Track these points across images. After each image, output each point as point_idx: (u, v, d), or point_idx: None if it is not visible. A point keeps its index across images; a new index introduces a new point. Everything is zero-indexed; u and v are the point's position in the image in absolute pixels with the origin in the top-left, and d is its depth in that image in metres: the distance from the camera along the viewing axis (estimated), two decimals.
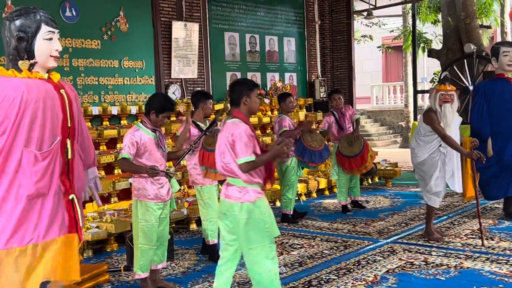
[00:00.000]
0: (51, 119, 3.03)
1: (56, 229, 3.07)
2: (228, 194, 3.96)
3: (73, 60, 8.18)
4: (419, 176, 6.28)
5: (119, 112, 8.40)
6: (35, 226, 3.00)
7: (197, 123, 5.90)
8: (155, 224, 4.80)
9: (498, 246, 5.90)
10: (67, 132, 3.15)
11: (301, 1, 12.32)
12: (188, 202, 7.45)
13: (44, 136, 3.02)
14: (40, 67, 3.07)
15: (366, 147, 7.70)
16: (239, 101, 4.05)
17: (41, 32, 3.05)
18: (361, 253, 5.88)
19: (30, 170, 2.97)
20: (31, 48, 3.03)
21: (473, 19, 12.05)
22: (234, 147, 3.88)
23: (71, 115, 3.18)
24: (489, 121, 7.00)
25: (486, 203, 8.17)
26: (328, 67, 12.96)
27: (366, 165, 7.76)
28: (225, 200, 3.98)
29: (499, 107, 6.96)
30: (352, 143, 7.69)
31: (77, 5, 8.24)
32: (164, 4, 9.50)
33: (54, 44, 3.11)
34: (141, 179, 4.79)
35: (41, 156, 3.01)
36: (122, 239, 6.28)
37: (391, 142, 20.67)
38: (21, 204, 2.96)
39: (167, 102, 4.84)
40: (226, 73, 10.74)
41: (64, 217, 3.13)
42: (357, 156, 7.64)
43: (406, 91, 19.85)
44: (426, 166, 6.09)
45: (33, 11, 3.06)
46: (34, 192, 2.99)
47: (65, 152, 3.15)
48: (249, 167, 3.86)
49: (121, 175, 7.67)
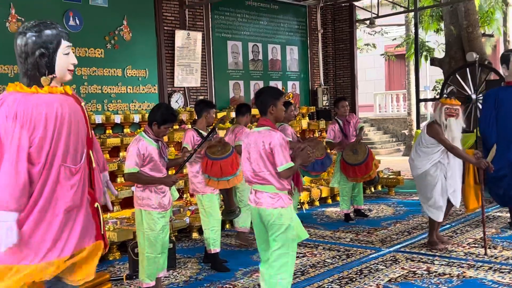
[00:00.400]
0: (79, 133, 3.09)
1: (87, 239, 3.15)
2: (260, 201, 4.13)
3: (76, 69, 8.20)
4: (420, 189, 6.26)
5: (122, 121, 8.42)
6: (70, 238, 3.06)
7: (200, 131, 5.93)
8: (160, 232, 4.83)
9: (501, 255, 5.88)
10: (90, 144, 3.22)
11: (304, 10, 12.37)
12: (191, 211, 7.45)
13: (77, 150, 3.08)
14: (57, 81, 3.10)
15: (370, 155, 7.71)
16: (266, 110, 4.22)
17: (61, 47, 3.06)
18: (363, 262, 5.87)
19: (66, 185, 3.03)
20: (51, 63, 3.03)
21: (475, 28, 12.07)
22: (273, 155, 4.06)
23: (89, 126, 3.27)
24: (496, 129, 6.89)
25: (489, 212, 8.15)
26: (331, 76, 12.98)
27: (370, 173, 7.77)
28: (256, 207, 4.16)
29: (505, 115, 6.86)
30: (357, 151, 7.69)
31: (80, 14, 8.29)
32: (167, 13, 9.55)
33: (70, 58, 3.13)
34: (145, 189, 4.81)
35: (75, 170, 3.07)
36: (124, 248, 6.29)
37: (394, 150, 20.65)
38: (59, 217, 3.01)
39: (169, 113, 4.85)
40: (229, 81, 10.76)
41: (92, 225, 3.21)
42: (361, 164, 7.65)
43: (409, 99, 19.84)
44: (427, 179, 6.06)
45: (51, 26, 3.04)
46: (71, 205, 3.04)
47: (90, 162, 3.21)
48: (290, 173, 4.09)
49: (124, 183, 7.68)
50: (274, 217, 4.09)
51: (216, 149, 5.75)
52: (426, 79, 22.97)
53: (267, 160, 4.09)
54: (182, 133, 8.57)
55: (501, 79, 10.56)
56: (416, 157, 6.13)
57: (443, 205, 6.09)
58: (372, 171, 7.79)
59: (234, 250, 6.61)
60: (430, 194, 6.06)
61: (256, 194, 4.17)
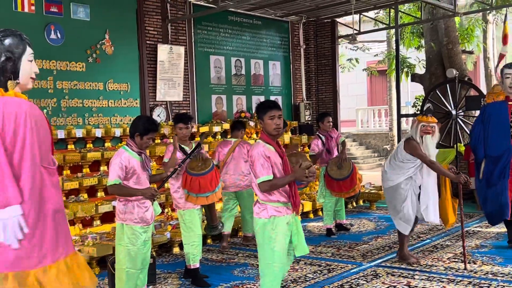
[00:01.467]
0: (47, 137, 3.09)
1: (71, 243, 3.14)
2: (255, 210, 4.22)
3: (57, 82, 8.15)
4: (389, 202, 6.31)
5: (103, 135, 8.36)
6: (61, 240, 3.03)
7: (182, 146, 5.89)
8: (141, 247, 4.79)
9: (480, 269, 5.92)
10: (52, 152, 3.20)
11: (286, 25, 12.45)
12: (172, 226, 7.40)
13: (48, 154, 3.09)
14: (20, 88, 3.10)
15: (354, 170, 7.76)
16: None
17: (26, 54, 3.10)
18: (344, 276, 5.87)
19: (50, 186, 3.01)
20: (16, 68, 3.05)
21: (455, 45, 12.24)
22: (252, 167, 4.13)
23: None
24: (483, 144, 6.86)
25: (469, 227, 8.21)
26: (313, 91, 13.05)
27: (354, 188, 7.81)
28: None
29: (492, 130, 6.84)
30: (341, 166, 7.73)
31: (62, 28, 8.25)
32: (150, 27, 9.55)
33: (33, 66, 3.16)
34: (128, 203, 4.77)
35: (53, 171, 3.07)
36: (103, 263, 6.21)
37: (376, 165, 20.76)
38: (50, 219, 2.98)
39: (150, 123, 4.85)
40: (212, 96, 10.76)
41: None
42: (346, 179, 7.69)
43: (390, 115, 20.02)
44: (398, 192, 6.12)
45: (17, 33, 3.10)
46: (58, 207, 3.04)
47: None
48: (266, 187, 4.06)
49: (104, 198, 7.62)
50: (256, 226, 4.18)
51: (196, 165, 5.70)
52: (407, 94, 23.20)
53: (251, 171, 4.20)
54: (164, 147, 8.54)
55: (481, 95, 10.72)
56: (390, 169, 6.19)
57: (412, 219, 6.16)
58: (356, 185, 7.84)
59: (216, 265, 6.57)
60: (400, 207, 6.13)
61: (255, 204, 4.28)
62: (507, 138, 6.66)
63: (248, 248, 7.38)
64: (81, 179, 7.49)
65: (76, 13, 8.46)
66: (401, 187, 6.08)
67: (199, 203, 5.76)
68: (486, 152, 6.80)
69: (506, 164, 6.59)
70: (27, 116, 2.93)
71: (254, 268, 6.35)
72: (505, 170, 6.60)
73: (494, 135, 6.76)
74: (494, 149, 6.73)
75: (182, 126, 5.89)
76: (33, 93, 7.69)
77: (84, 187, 7.50)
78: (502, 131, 6.72)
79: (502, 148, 6.64)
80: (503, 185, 6.59)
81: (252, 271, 6.23)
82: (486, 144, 6.82)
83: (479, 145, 6.94)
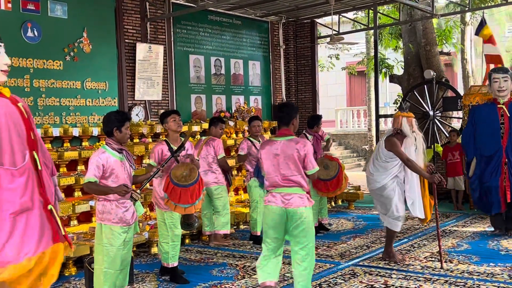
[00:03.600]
0: (16, 134, 2.99)
1: (45, 242, 3.07)
2: (289, 202, 4.68)
3: (34, 81, 8.05)
4: (378, 202, 6.35)
5: (81, 134, 8.27)
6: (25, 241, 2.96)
7: (170, 143, 5.82)
8: (120, 248, 4.73)
9: (456, 268, 5.98)
10: (32, 145, 3.10)
11: (266, 25, 12.46)
12: (150, 225, 7.36)
13: (14, 152, 2.98)
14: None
15: (341, 170, 7.79)
16: (289, 121, 4.85)
17: None
18: (322, 276, 5.88)
19: (9, 188, 2.93)
20: None
21: (433, 46, 12.38)
22: (306, 160, 4.71)
23: (33, 126, 3.17)
24: (474, 145, 7.44)
25: (445, 226, 8.30)
26: (293, 91, 13.09)
27: (341, 187, 7.85)
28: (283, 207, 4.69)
29: (483, 131, 7.34)
30: (328, 166, 7.76)
31: (39, 26, 8.15)
32: (129, 26, 9.48)
33: (2, 58, 3.06)
34: (106, 202, 4.71)
35: (17, 172, 2.97)
36: (81, 263, 6.15)
37: (354, 165, 20.89)
38: (7, 221, 2.91)
39: (121, 114, 4.84)
40: (191, 95, 10.73)
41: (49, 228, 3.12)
42: (333, 179, 7.72)
43: (369, 115, 20.16)
44: (386, 192, 6.17)
45: None
46: (19, 209, 2.95)
47: (35, 164, 3.11)
48: (316, 175, 4.86)
49: (82, 197, 7.54)
50: (303, 215, 4.66)
51: (181, 173, 5.50)
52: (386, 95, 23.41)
53: (301, 164, 4.70)
54: (142, 147, 8.49)
55: (458, 96, 10.85)
56: (375, 171, 6.22)
57: (402, 215, 6.22)
58: (343, 185, 7.88)
59: (194, 265, 6.55)
60: (389, 205, 6.17)
61: (284, 196, 4.70)
62: (498, 138, 7.21)
63: (227, 248, 7.36)
64: (58, 178, 7.39)
65: (54, 11, 8.37)
66: (388, 187, 6.13)
67: (176, 211, 5.66)
68: (479, 152, 7.38)
69: (498, 163, 7.19)
70: None
71: (232, 267, 6.34)
72: (497, 169, 7.20)
73: (485, 136, 7.33)
74: (486, 149, 7.31)
75: (176, 117, 5.90)
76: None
77: (61, 186, 7.40)
78: (493, 132, 7.25)
79: (494, 148, 7.23)
80: (495, 183, 7.19)
81: (231, 270, 6.22)
82: (478, 145, 7.40)
83: (468, 146, 7.54)
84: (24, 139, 3.06)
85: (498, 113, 7.22)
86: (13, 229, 2.92)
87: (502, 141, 7.20)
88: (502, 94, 7.20)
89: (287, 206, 4.68)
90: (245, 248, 7.34)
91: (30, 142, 3.11)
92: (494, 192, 7.25)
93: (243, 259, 6.74)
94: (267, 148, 4.85)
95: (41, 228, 3.06)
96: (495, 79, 7.22)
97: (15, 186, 2.95)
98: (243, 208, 8.59)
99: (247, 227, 8.46)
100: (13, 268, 2.91)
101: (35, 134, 3.19)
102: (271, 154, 4.78)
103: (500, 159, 7.21)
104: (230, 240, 7.69)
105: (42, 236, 3.06)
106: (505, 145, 7.19)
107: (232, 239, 7.93)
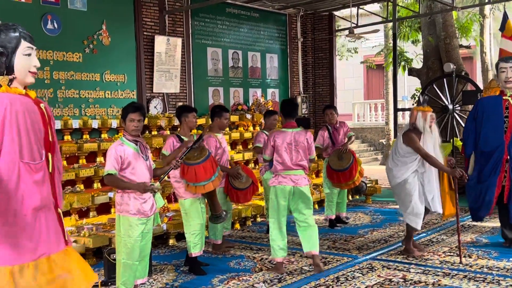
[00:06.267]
0: (35, 133, 3.02)
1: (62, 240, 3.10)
2: (298, 182, 5.76)
3: (54, 73, 8.12)
4: (398, 198, 6.30)
5: (100, 126, 8.34)
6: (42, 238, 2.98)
7: (182, 137, 5.89)
8: (138, 239, 4.76)
9: (475, 263, 5.94)
10: (49, 147, 3.14)
11: (284, 18, 12.42)
12: (168, 217, 7.40)
13: (33, 148, 3.00)
14: (19, 83, 3.06)
15: (355, 162, 7.76)
16: (296, 114, 6.05)
17: (20, 48, 3.04)
18: (340, 269, 5.88)
19: (30, 181, 2.95)
20: (10, 63, 3.01)
21: (452, 39, 12.24)
22: (310, 147, 5.84)
23: (52, 130, 3.18)
24: (473, 140, 6.80)
25: (464, 221, 8.24)
26: (310, 84, 13.04)
27: (354, 180, 7.82)
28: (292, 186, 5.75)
29: (485, 125, 6.72)
30: (342, 158, 7.75)
31: (59, 18, 8.20)
32: (147, 18, 9.51)
33: (32, 60, 3.10)
34: (124, 194, 4.75)
35: (35, 167, 2.99)
36: (100, 254, 6.21)
37: (371, 159, 20.80)
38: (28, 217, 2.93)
39: (129, 105, 4.87)
40: (209, 88, 10.74)
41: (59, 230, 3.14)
42: (345, 171, 7.71)
43: (387, 109, 20.03)
44: (405, 188, 6.11)
45: (12, 27, 3.05)
46: (40, 204, 2.97)
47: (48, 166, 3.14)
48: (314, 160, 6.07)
49: (101, 189, 7.61)
50: (308, 192, 5.82)
51: (192, 155, 5.69)
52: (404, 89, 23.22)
53: (308, 151, 5.81)
54: (160, 139, 8.53)
55: (478, 90, 10.73)
56: (394, 166, 6.17)
57: (421, 213, 6.14)
58: (356, 178, 7.85)
59: (212, 257, 6.57)
60: (409, 202, 6.10)
61: (293, 177, 5.75)
62: (501, 133, 6.56)
63: (244, 240, 7.38)
64: (77, 170, 7.48)
65: (73, 3, 8.42)
66: (408, 182, 6.06)
67: (198, 192, 5.79)
68: (479, 147, 6.71)
69: (499, 160, 6.50)
70: (7, 111, 2.88)
71: (250, 260, 6.36)
72: (496, 166, 6.51)
73: (487, 130, 6.67)
74: (487, 144, 6.64)
75: (195, 116, 6.05)
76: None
77: (80, 178, 7.48)
78: (496, 126, 6.62)
79: (495, 144, 6.55)
80: (492, 181, 6.51)
81: (248, 263, 6.24)
82: (478, 139, 6.73)
83: (468, 140, 6.86)
84: (41, 139, 3.08)
85: (503, 106, 6.55)
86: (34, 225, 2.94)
87: (504, 136, 6.51)
88: (510, 86, 6.48)
89: (296, 185, 5.75)
90: (262, 241, 7.35)
91: (47, 144, 3.13)
92: (489, 192, 6.55)
93: (260, 251, 6.75)
94: (281, 137, 5.79)
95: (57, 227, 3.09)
96: (502, 69, 6.49)
97: (36, 179, 2.98)
98: (260, 201, 8.60)
99: (264, 219, 8.47)
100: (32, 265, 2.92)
101: (53, 138, 3.21)
102: (284, 143, 5.75)
103: (501, 155, 6.46)
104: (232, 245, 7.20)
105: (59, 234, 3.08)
106: (508, 140, 6.47)
107: (250, 232, 7.96)
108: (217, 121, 6.58)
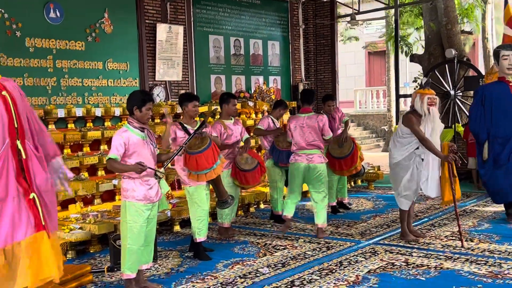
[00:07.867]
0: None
1: (20, 232, 3.02)
2: (313, 159, 6.60)
3: (56, 61, 8.14)
4: (392, 177, 6.38)
5: (103, 114, 8.38)
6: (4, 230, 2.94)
7: (184, 125, 5.92)
8: (144, 225, 4.82)
9: (477, 247, 5.99)
10: (16, 133, 3.07)
11: (286, 5, 12.40)
12: (172, 204, 7.46)
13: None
14: None
15: (355, 148, 7.79)
16: (312, 101, 6.98)
17: None
18: (343, 254, 5.94)
19: None
20: None
21: (454, 25, 12.22)
22: (324, 128, 6.62)
23: (17, 115, 3.09)
24: (485, 125, 6.97)
25: (466, 206, 8.29)
26: (312, 71, 13.05)
27: (356, 166, 7.86)
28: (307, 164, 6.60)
29: (496, 111, 6.91)
30: (342, 145, 7.77)
31: (61, 6, 8.22)
32: (149, 6, 9.51)
33: None
34: (130, 180, 4.79)
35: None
36: (105, 240, 6.28)
37: (374, 146, 20.83)
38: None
39: (145, 94, 4.90)
40: (211, 75, 10.76)
41: (29, 217, 3.08)
42: (347, 157, 7.73)
43: (388, 96, 20.03)
44: (399, 168, 6.17)
45: None
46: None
47: (18, 153, 3.09)
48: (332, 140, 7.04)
49: (105, 176, 7.66)
50: (322, 169, 6.62)
51: (194, 143, 5.71)
52: (406, 75, 23.17)
53: (320, 132, 6.59)
54: (163, 127, 8.56)
55: (479, 76, 10.74)
56: (393, 147, 6.24)
57: (409, 194, 6.19)
58: (357, 164, 7.88)
59: (216, 243, 6.64)
60: (399, 182, 6.18)
61: (308, 155, 6.59)
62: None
63: (248, 227, 7.45)
64: (81, 157, 7.53)
65: None
66: (403, 163, 6.12)
67: (200, 180, 5.82)
68: (493, 134, 6.89)
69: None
70: None
71: (253, 245, 6.42)
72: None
73: (499, 116, 6.85)
74: (501, 130, 6.85)
75: (196, 104, 6.00)
76: (33, 72, 7.70)
77: (84, 165, 7.54)
78: (506, 112, 6.83)
79: (510, 129, 6.79)
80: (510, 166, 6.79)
81: (252, 248, 6.31)
82: (490, 125, 6.91)
83: (480, 127, 7.01)
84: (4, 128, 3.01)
85: (511, 92, 6.84)
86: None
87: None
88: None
89: (310, 162, 6.58)
90: (266, 227, 7.42)
91: (12, 131, 3.05)
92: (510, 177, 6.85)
93: (264, 237, 6.82)
94: (294, 122, 6.73)
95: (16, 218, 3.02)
96: (504, 56, 6.79)
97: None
98: (263, 187, 8.64)
99: (267, 206, 8.53)
100: None
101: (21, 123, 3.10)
102: (298, 126, 6.65)
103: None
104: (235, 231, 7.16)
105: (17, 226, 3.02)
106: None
107: (253, 218, 8.02)
108: (226, 108, 6.67)
